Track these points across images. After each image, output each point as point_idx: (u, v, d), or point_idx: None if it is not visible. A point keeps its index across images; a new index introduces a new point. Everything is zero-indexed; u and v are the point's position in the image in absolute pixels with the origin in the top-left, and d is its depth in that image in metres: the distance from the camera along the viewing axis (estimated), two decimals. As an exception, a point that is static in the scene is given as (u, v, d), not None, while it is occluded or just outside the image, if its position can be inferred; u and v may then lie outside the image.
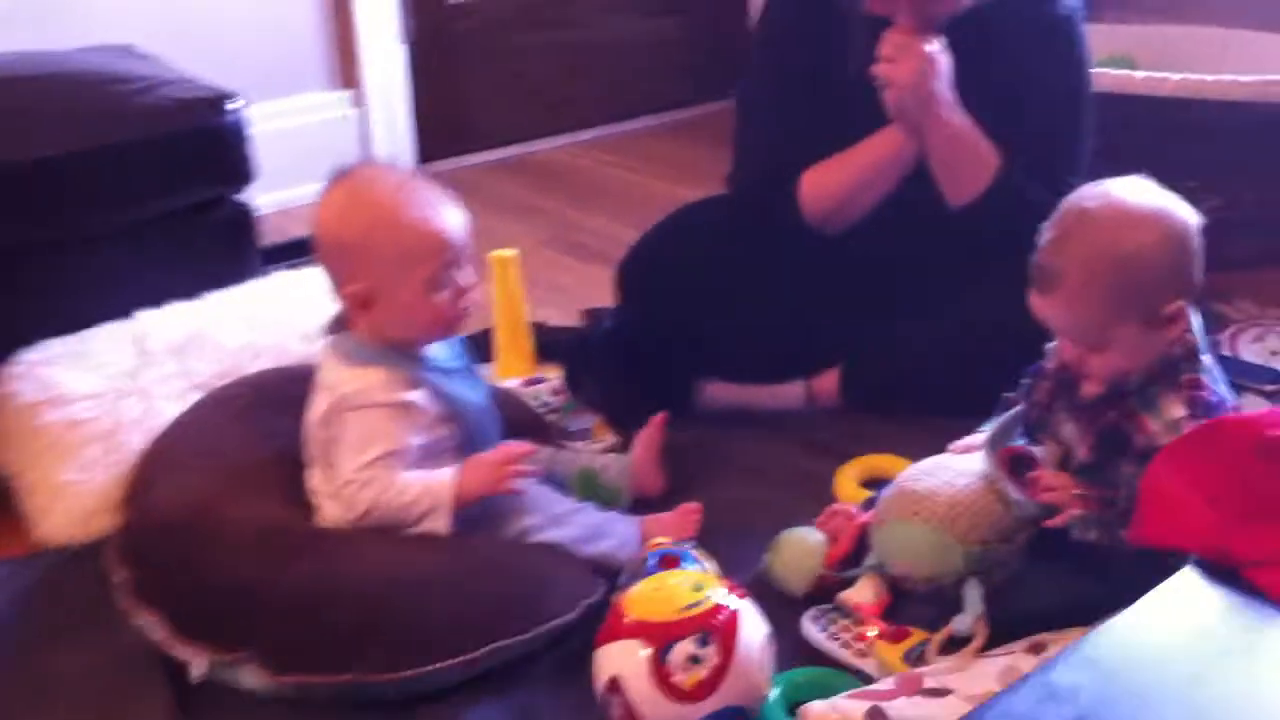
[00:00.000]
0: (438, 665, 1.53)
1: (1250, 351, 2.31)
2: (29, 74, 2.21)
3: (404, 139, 3.50)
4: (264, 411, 1.88)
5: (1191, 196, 1.57)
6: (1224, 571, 1.13)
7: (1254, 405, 2.10)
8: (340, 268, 1.65)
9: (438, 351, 1.72)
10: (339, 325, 1.71)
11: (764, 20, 2.20)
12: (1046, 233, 1.56)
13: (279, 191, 3.18)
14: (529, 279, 2.39)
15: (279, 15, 3.25)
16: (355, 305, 1.65)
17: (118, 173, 2.09)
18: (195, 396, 1.98)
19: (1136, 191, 1.55)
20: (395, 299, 1.64)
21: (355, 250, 1.63)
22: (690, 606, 1.43)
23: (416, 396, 1.65)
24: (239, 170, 2.20)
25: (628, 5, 3.85)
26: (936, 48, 1.91)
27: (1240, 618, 1.06)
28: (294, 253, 2.97)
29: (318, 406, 1.68)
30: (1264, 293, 2.53)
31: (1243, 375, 2.16)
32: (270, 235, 2.94)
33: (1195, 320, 1.57)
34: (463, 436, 1.71)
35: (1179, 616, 1.06)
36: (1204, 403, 1.53)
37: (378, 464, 1.62)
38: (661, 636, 1.41)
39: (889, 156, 2.03)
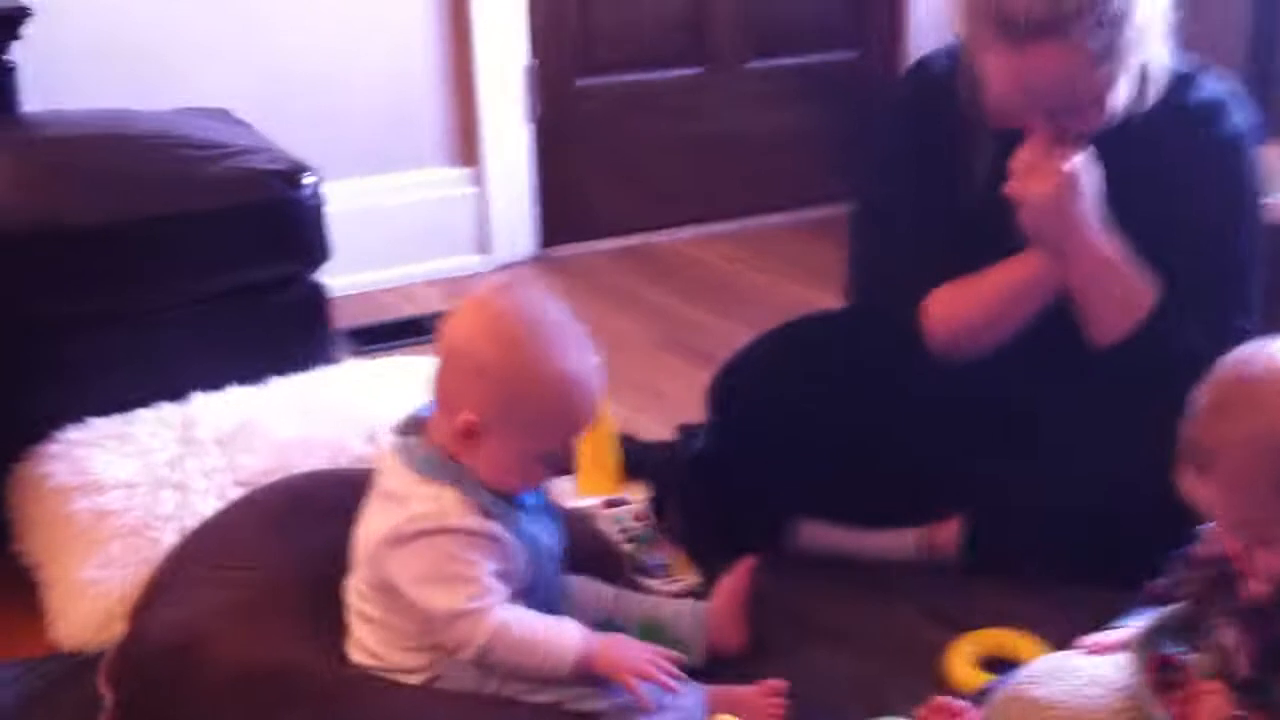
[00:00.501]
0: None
1: None
2: (107, 132, 2.11)
3: (524, 220, 3.33)
4: (303, 520, 1.68)
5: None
6: None
7: None
8: (464, 388, 1.44)
9: None
10: (414, 427, 1.51)
11: (882, 126, 1.97)
12: (1201, 399, 1.29)
13: (397, 268, 3.08)
14: (630, 381, 2.17)
15: (401, 87, 3.11)
16: (458, 432, 1.44)
17: (181, 243, 1.96)
18: (237, 493, 1.80)
19: None
20: (501, 449, 1.45)
21: (492, 384, 1.43)
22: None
23: (497, 529, 1.44)
24: (310, 247, 2.03)
25: (759, 98, 3.65)
26: (1078, 162, 1.66)
27: None
28: (398, 334, 2.84)
29: (380, 517, 1.46)
30: None
31: None
32: (376, 314, 2.83)
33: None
34: (527, 581, 1.49)
35: None
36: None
37: (474, 600, 1.41)
38: None
39: (1027, 281, 1.76)
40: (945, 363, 1.82)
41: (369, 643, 1.48)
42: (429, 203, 3.19)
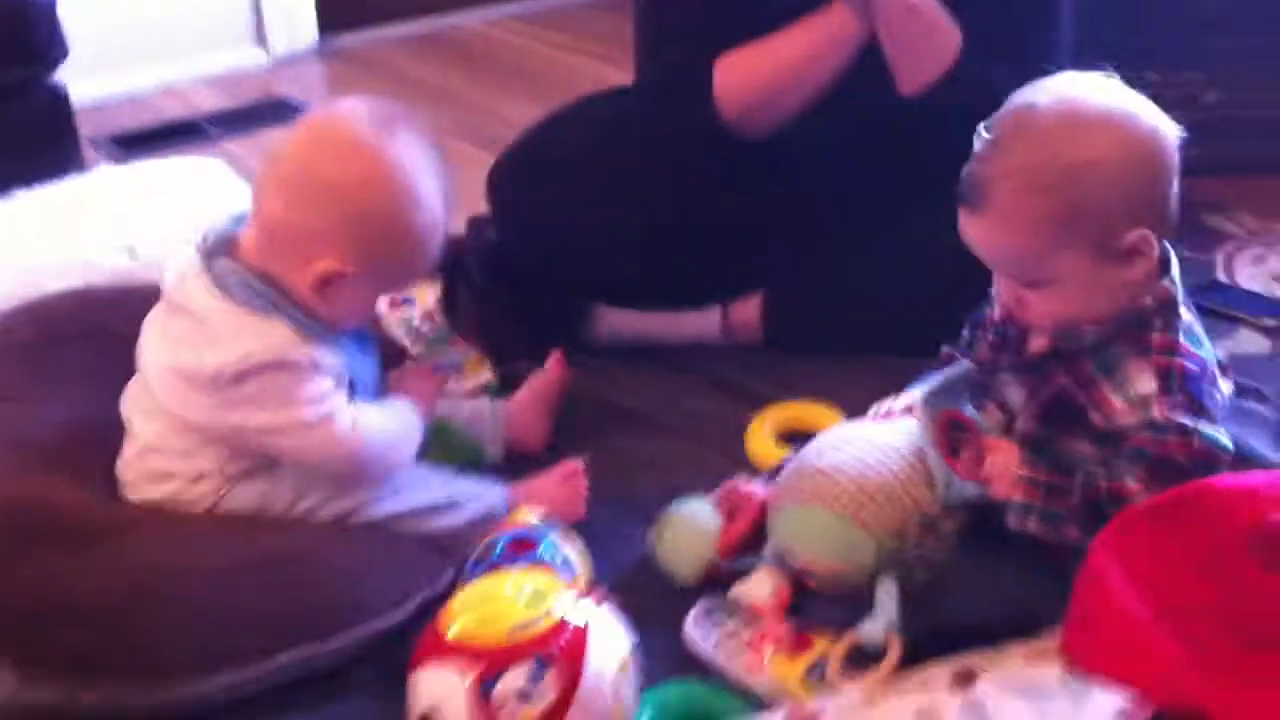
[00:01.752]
0: (214, 679, 1.24)
1: (1248, 276, 1.99)
2: None
3: (302, 7, 3.11)
4: (52, 350, 1.55)
5: (1187, 90, 1.24)
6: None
7: (1250, 342, 1.80)
8: (327, 234, 1.29)
9: None
10: (222, 247, 1.34)
11: None
12: (982, 136, 1.25)
13: (159, 67, 2.86)
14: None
15: None
16: (317, 279, 1.30)
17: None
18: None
19: (1096, 91, 1.24)
20: (358, 296, 1.35)
21: (367, 236, 1.30)
22: (524, 626, 1.13)
23: (329, 358, 1.33)
24: (45, 46, 1.87)
25: None
26: None
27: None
28: (170, 136, 2.65)
29: (190, 350, 1.32)
30: (1267, 204, 2.19)
31: (1238, 305, 1.87)
32: (146, 118, 2.64)
33: (1173, 263, 1.27)
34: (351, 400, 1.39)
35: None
36: (1180, 372, 1.22)
37: (324, 410, 1.32)
38: (487, 663, 1.12)
39: (825, 42, 1.67)
40: (738, 136, 1.73)
41: (151, 468, 1.37)
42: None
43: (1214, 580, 0.86)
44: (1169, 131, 1.21)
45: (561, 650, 1.12)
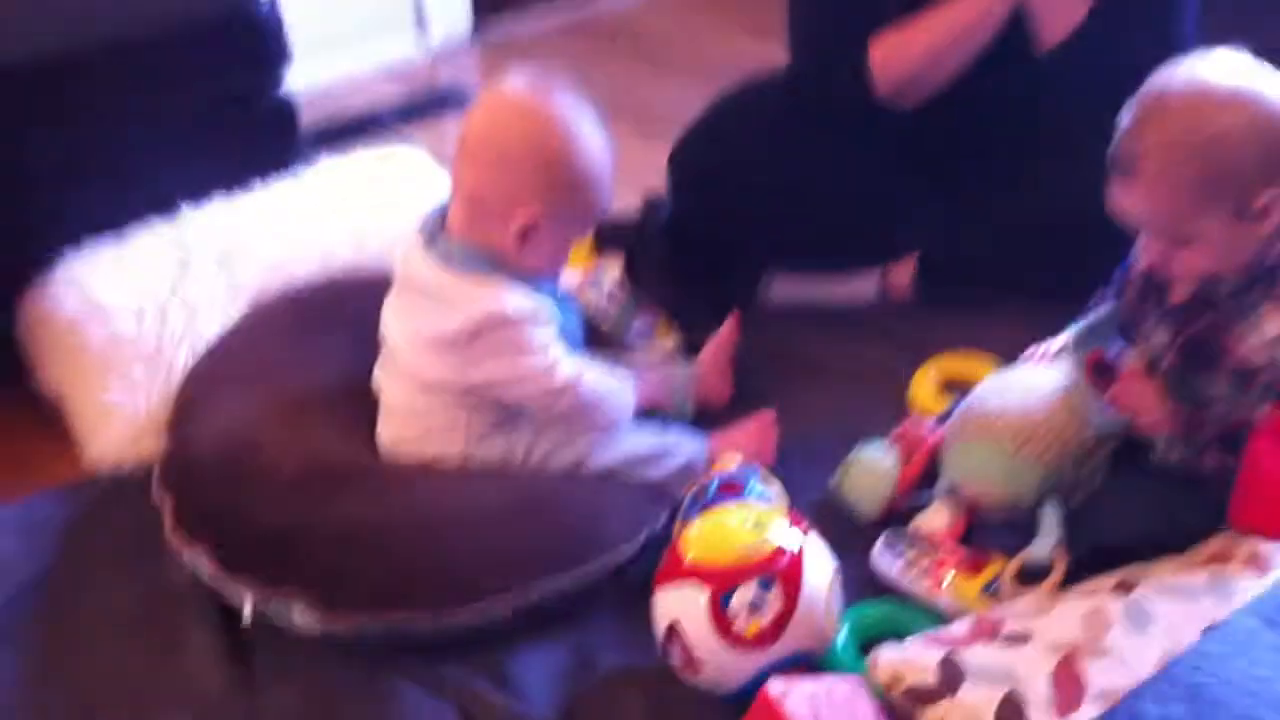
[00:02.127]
0: (489, 602, 1.47)
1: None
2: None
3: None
4: (311, 330, 1.81)
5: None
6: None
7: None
8: (522, 186, 1.53)
9: None
10: (438, 226, 1.60)
11: None
12: (1126, 114, 1.41)
13: (323, 57, 3.03)
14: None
15: None
16: (521, 228, 1.54)
17: (153, 64, 2.00)
18: (239, 309, 1.91)
19: (1225, 68, 1.40)
20: (555, 239, 1.58)
21: (553, 178, 1.54)
22: (751, 548, 1.35)
23: (547, 312, 1.57)
24: (273, 56, 2.10)
25: None
26: None
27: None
28: (354, 131, 2.88)
29: (426, 317, 1.56)
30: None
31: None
32: (319, 110, 2.85)
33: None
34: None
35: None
36: (1311, 319, 1.39)
37: (552, 356, 1.56)
38: (721, 581, 1.34)
39: (974, 17, 1.84)
40: (892, 108, 1.91)
41: (409, 432, 1.61)
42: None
43: None
44: None
45: (783, 569, 1.34)
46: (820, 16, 2.00)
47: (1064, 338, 1.62)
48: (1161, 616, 1.28)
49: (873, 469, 1.61)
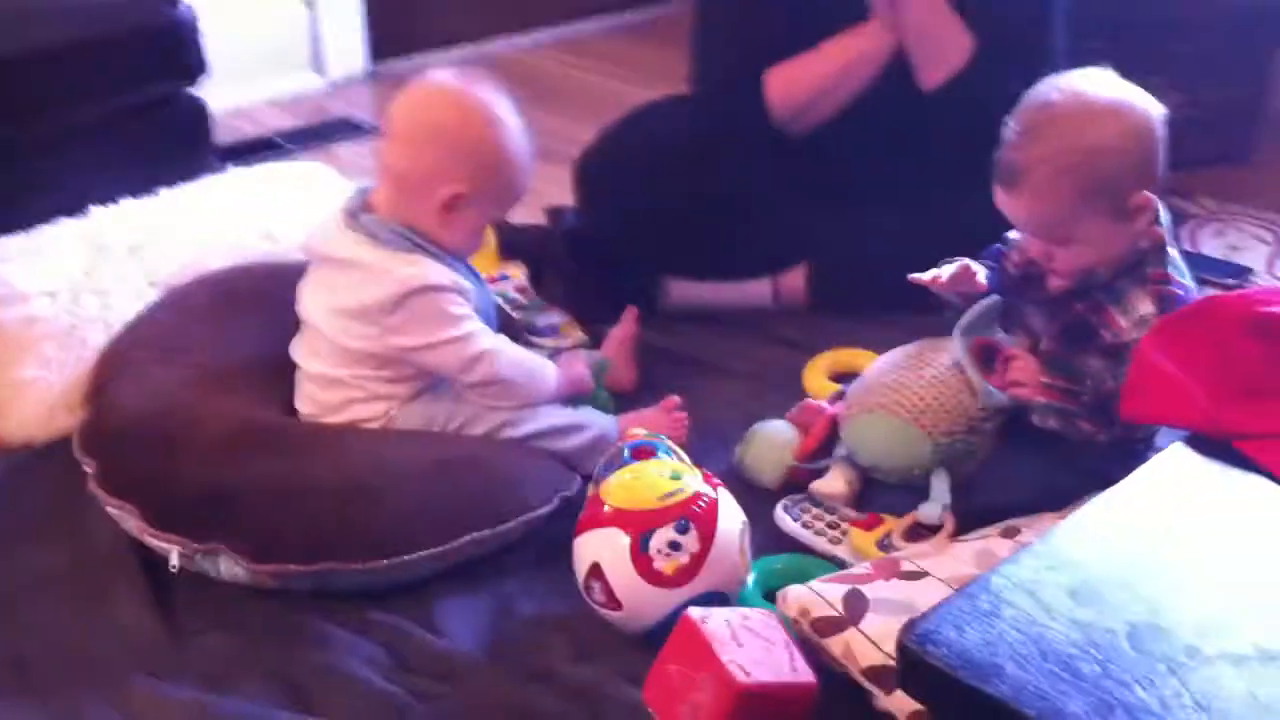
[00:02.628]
0: (411, 556, 1.53)
1: (1210, 247, 2.33)
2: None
3: (355, 36, 3.43)
4: (227, 310, 1.86)
5: (1155, 93, 1.57)
6: (1216, 446, 1.14)
7: (1214, 300, 2.13)
8: (446, 164, 1.62)
9: None
10: (362, 206, 1.67)
11: None
12: (1011, 127, 1.55)
13: (227, 89, 3.10)
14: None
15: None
16: (443, 204, 1.62)
17: (69, 70, 2.07)
18: (154, 294, 1.95)
19: (1099, 83, 1.55)
20: (476, 216, 1.66)
21: (479, 156, 1.63)
22: (669, 495, 1.44)
23: (465, 283, 1.65)
24: (191, 64, 2.15)
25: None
26: None
27: (1237, 491, 1.08)
28: (249, 152, 2.94)
29: (350, 290, 1.63)
30: (1223, 189, 2.55)
31: (1205, 269, 2.18)
32: (220, 135, 2.91)
33: (1163, 213, 1.58)
34: None
35: (1176, 490, 1.06)
36: (1172, 298, 1.54)
37: (472, 327, 1.63)
38: (642, 524, 1.42)
39: (861, 54, 2.01)
40: (787, 132, 2.06)
41: (331, 401, 1.67)
42: (261, 23, 3.26)
43: (1222, 351, 1.22)
44: (1157, 111, 1.53)
45: (699, 513, 1.43)
46: (721, 47, 2.14)
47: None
48: (1045, 556, 1.41)
49: (773, 440, 1.72)
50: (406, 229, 1.63)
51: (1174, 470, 1.10)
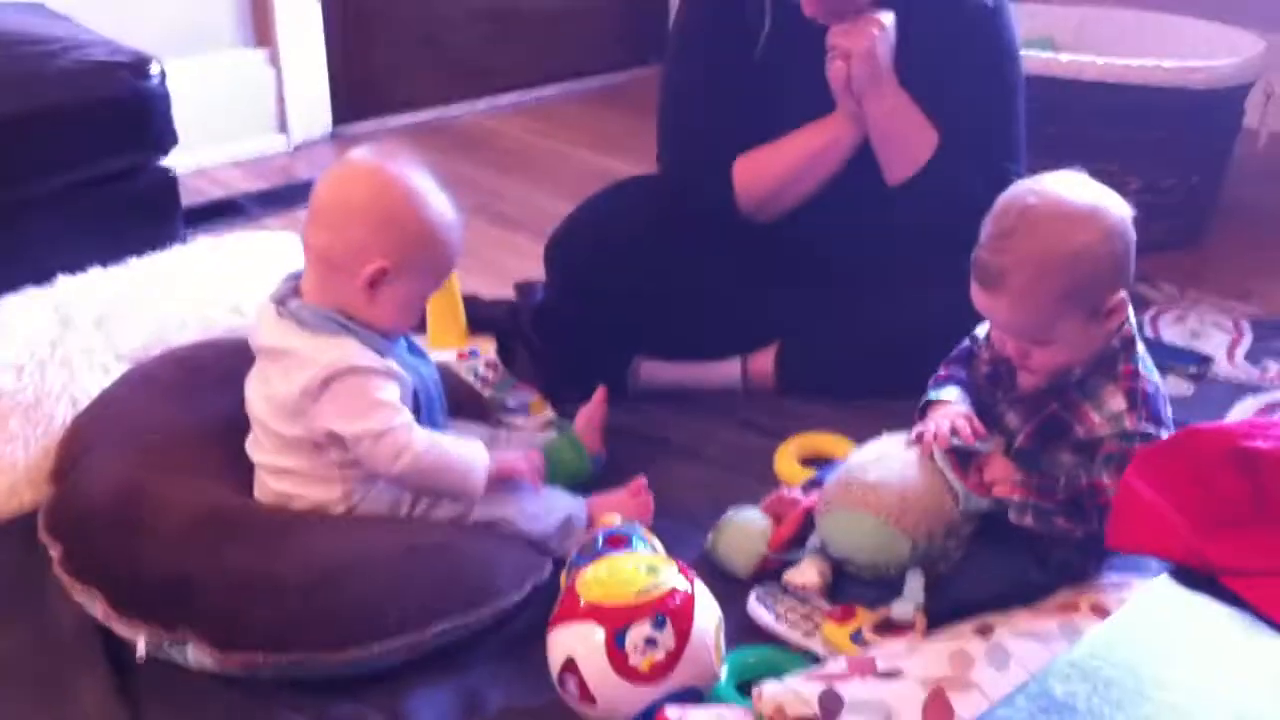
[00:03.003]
0: (381, 646, 1.51)
1: (1172, 333, 2.36)
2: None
3: (319, 99, 3.43)
4: (193, 388, 1.84)
5: (1113, 180, 1.60)
6: (1200, 579, 1.15)
7: (1177, 387, 2.16)
8: (369, 240, 1.60)
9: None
10: (290, 292, 1.66)
11: (685, 4, 2.19)
12: (988, 228, 1.56)
13: (190, 150, 3.09)
14: (453, 248, 2.33)
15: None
16: (366, 281, 1.61)
17: (37, 139, 2.05)
18: (120, 368, 1.94)
19: (1075, 187, 1.56)
20: (404, 291, 1.64)
21: (401, 231, 1.61)
22: (645, 590, 1.44)
23: (393, 364, 1.63)
24: (161, 136, 2.14)
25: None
26: (889, 18, 1.93)
27: (1225, 627, 1.09)
28: (214, 215, 2.93)
29: (281, 379, 1.61)
30: (1182, 275, 2.59)
31: (1167, 358, 2.20)
32: (186, 198, 2.89)
33: (1130, 309, 1.60)
34: (419, 409, 1.68)
35: (1164, 625, 1.07)
36: (1143, 393, 1.57)
37: (395, 419, 1.60)
38: (617, 619, 1.42)
39: (826, 145, 2.03)
40: (754, 219, 2.08)
41: (284, 490, 1.65)
42: (226, 85, 3.26)
43: (1204, 483, 1.23)
44: (1128, 213, 1.56)
45: (676, 609, 1.42)
46: (688, 132, 2.15)
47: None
48: (1019, 657, 1.41)
49: (746, 529, 1.72)
50: (333, 311, 1.62)
51: (1162, 606, 1.11)
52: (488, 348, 2.20)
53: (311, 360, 1.60)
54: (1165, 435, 1.54)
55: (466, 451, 1.66)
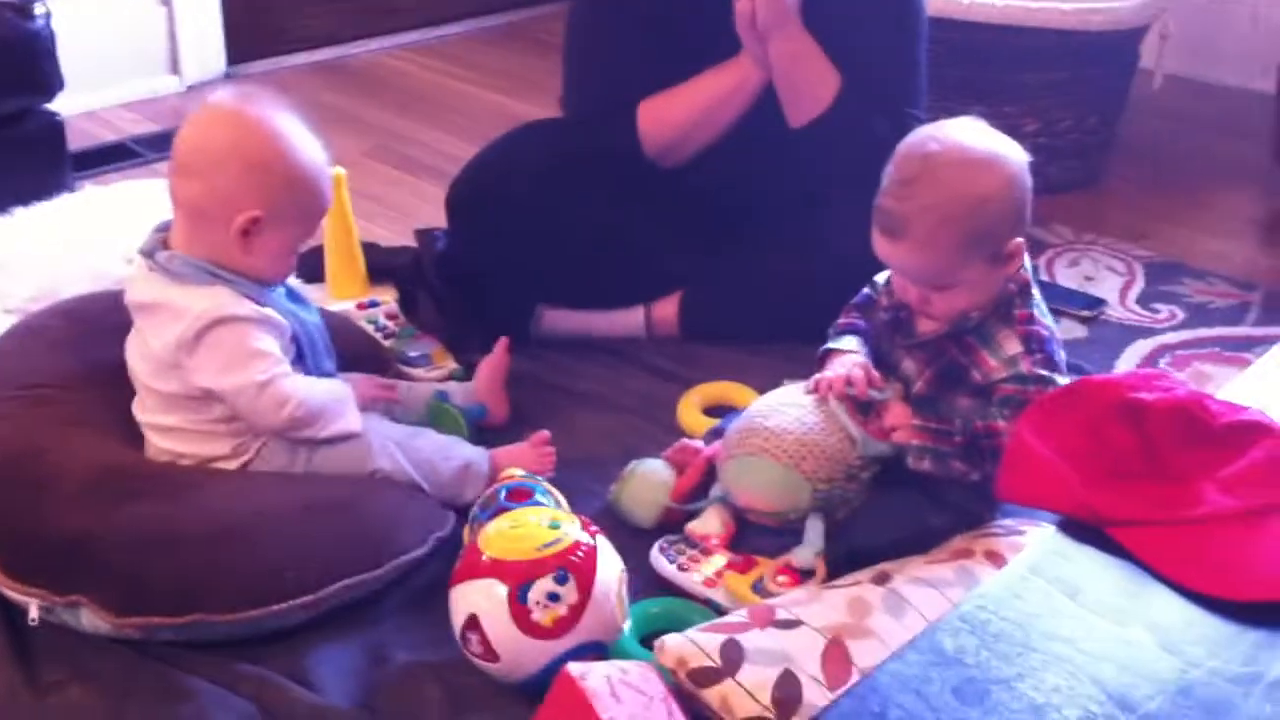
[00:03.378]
0: (282, 605, 1.50)
1: (1066, 276, 2.40)
2: None
3: (214, 38, 3.34)
4: (83, 340, 1.79)
5: (1010, 122, 1.62)
6: (1089, 530, 1.17)
7: (1070, 330, 2.20)
8: (240, 189, 1.56)
9: None
10: (158, 245, 1.62)
11: None
12: (890, 177, 1.57)
13: (78, 92, 3.01)
14: (353, 193, 2.29)
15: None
16: (239, 230, 1.56)
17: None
18: (7, 321, 1.88)
19: (975, 134, 1.58)
20: (277, 239, 1.59)
21: (273, 177, 1.57)
22: (548, 545, 1.44)
23: (269, 311, 1.59)
24: (47, 79, 2.08)
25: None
26: None
27: (1112, 579, 1.11)
28: (104, 158, 2.86)
29: (155, 334, 1.58)
30: (1077, 217, 2.63)
31: (1060, 301, 2.24)
32: (76, 141, 2.82)
33: (1026, 255, 1.62)
34: (304, 357, 1.66)
35: (1053, 578, 1.09)
36: (1038, 337, 1.60)
37: (274, 368, 1.57)
38: (520, 575, 1.41)
39: (731, 89, 2.03)
40: (660, 164, 2.07)
41: (175, 448, 1.62)
42: (115, 26, 3.16)
43: (1093, 435, 1.27)
44: (1025, 158, 1.57)
45: (578, 563, 1.42)
46: (593, 76, 2.14)
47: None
48: (916, 604, 1.44)
49: (649, 479, 1.72)
50: (205, 261, 1.58)
51: (1051, 559, 1.13)
52: (388, 297, 2.18)
53: (184, 310, 1.56)
54: (1059, 378, 1.57)
55: (328, 389, 1.64)
